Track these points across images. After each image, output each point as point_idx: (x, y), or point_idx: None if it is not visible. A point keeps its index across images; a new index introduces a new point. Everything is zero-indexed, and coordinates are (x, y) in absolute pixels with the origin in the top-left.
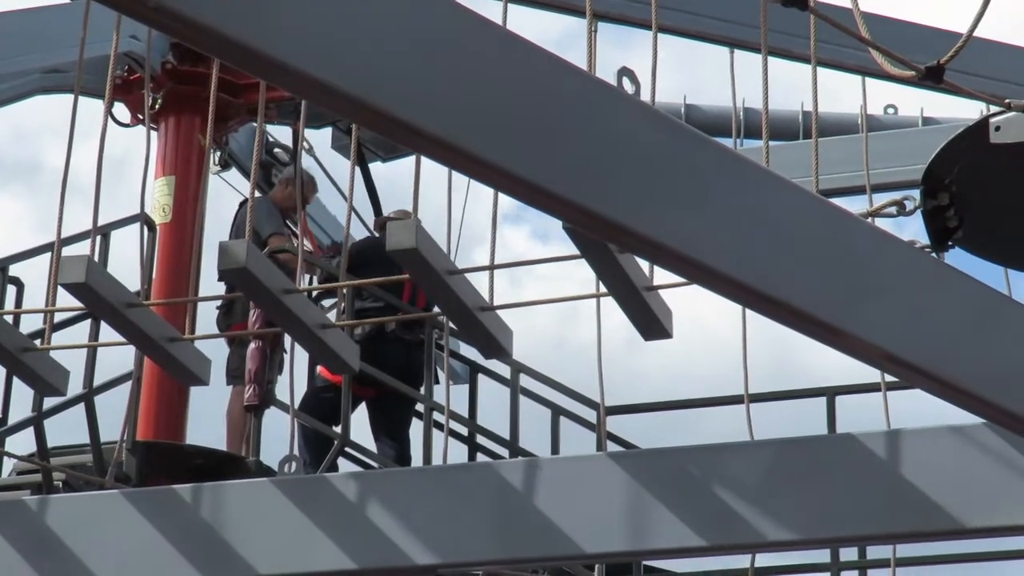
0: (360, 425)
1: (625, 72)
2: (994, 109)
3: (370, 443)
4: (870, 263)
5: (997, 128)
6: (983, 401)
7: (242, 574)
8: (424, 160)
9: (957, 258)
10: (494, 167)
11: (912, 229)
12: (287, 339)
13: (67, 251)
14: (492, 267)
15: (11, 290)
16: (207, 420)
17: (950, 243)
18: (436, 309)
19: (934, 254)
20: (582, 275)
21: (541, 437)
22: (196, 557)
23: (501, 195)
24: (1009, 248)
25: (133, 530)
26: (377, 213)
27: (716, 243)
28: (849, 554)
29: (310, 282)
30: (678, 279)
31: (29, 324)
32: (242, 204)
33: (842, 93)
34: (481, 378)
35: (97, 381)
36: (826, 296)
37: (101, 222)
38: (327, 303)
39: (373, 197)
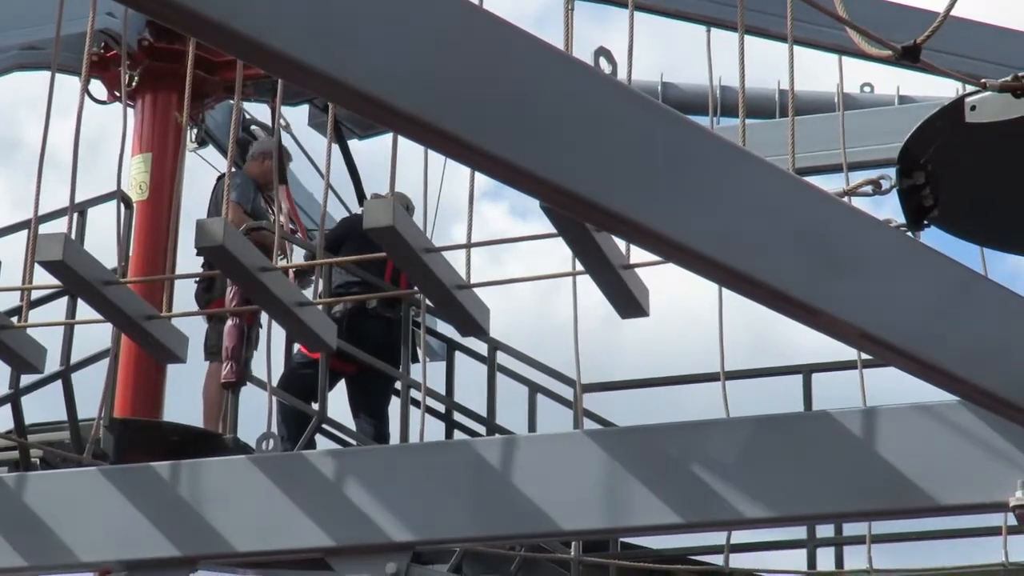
0: (340, 402)
1: (602, 52)
2: (970, 88)
3: (349, 420)
4: (845, 242)
5: (972, 108)
6: (958, 379)
7: (220, 551)
8: (401, 138)
9: (933, 237)
10: (470, 146)
11: (888, 208)
12: (264, 315)
13: (44, 228)
14: (469, 245)
15: None
16: (184, 397)
17: (926, 222)
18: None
19: (910, 233)
20: (562, 252)
21: (518, 414)
22: (174, 534)
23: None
24: (984, 227)
25: (111, 507)
26: (359, 191)
27: (691, 222)
28: (825, 531)
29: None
30: (655, 258)
31: (6, 301)
32: (219, 179)
33: (818, 71)
34: (458, 355)
35: (74, 358)
36: (801, 275)
37: (78, 200)
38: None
39: (354, 175)
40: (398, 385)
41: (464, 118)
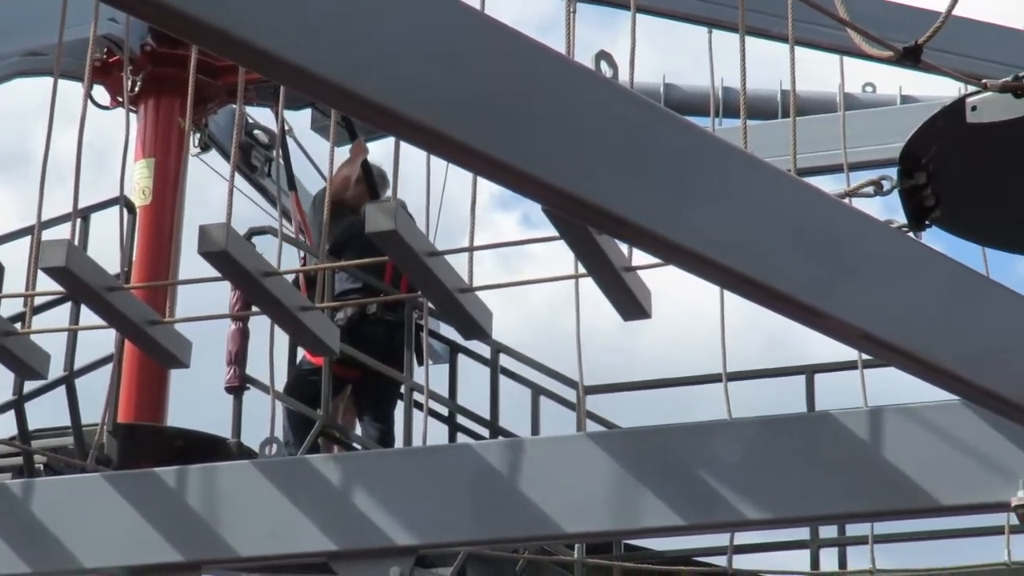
0: None
1: (603, 56)
2: (971, 89)
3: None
4: (847, 243)
5: (973, 108)
6: (960, 379)
7: (224, 556)
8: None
9: (935, 237)
10: (471, 151)
11: (890, 209)
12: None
13: (47, 234)
14: (471, 248)
15: None
16: (187, 402)
17: (927, 222)
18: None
19: (911, 233)
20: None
21: (522, 417)
22: (178, 539)
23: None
24: (986, 227)
25: (115, 513)
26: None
27: (692, 224)
28: (828, 531)
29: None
30: (657, 260)
31: (9, 308)
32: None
33: (820, 71)
34: (461, 358)
35: (78, 364)
36: (802, 277)
37: (81, 205)
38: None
39: (367, 174)
40: (403, 389)
41: (465, 123)
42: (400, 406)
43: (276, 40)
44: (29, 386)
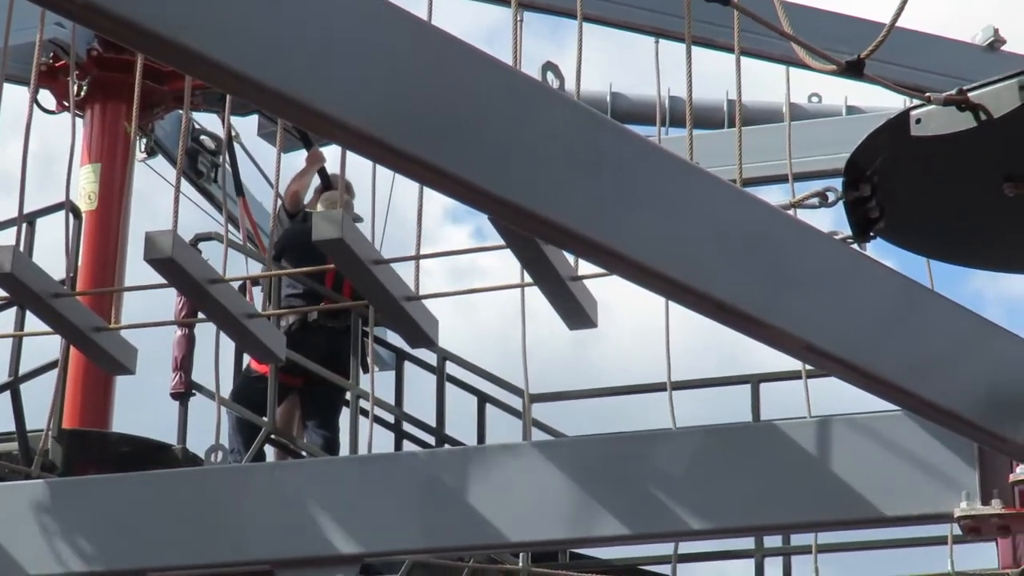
0: None
1: (549, 67)
2: (915, 101)
3: None
4: (791, 254)
5: (918, 121)
6: (902, 391)
7: (169, 563)
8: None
9: (882, 249)
10: (416, 161)
11: (835, 219)
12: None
13: None
14: (418, 256)
15: None
16: (133, 408)
17: (872, 234)
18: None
19: (856, 245)
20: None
21: (468, 425)
22: (121, 547)
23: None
24: (929, 238)
25: (60, 519)
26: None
27: (636, 235)
28: (773, 541)
29: None
30: (603, 270)
31: None
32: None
33: (767, 81)
34: (407, 365)
35: (23, 369)
36: (747, 287)
37: (26, 210)
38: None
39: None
40: (348, 396)
41: (411, 133)
42: (346, 413)
43: (224, 50)
44: None
